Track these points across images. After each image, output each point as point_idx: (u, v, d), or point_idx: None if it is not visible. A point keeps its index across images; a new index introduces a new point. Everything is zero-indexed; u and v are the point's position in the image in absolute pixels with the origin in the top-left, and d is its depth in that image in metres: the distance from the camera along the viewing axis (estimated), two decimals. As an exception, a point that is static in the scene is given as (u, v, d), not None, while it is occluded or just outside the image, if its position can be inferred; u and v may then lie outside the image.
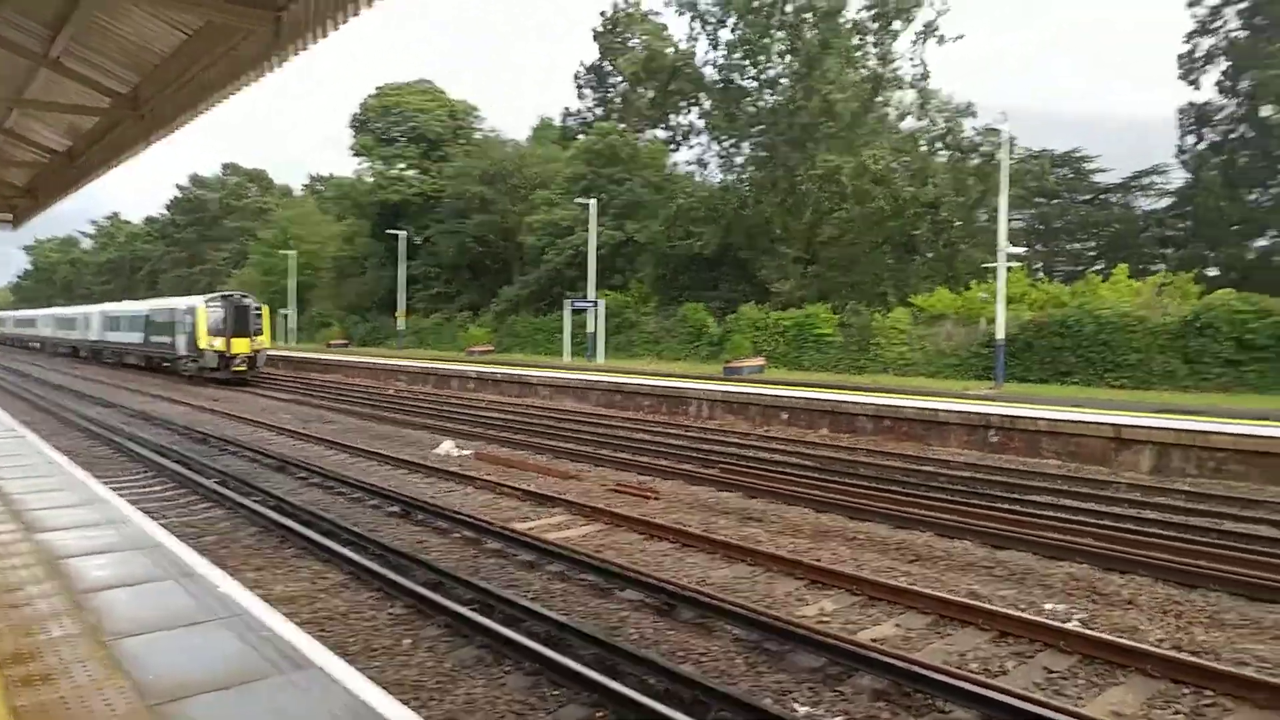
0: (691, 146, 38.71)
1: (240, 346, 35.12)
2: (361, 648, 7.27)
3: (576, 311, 39.52)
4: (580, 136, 51.56)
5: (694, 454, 17.19)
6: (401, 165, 57.68)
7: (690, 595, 8.29)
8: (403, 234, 53.68)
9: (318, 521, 11.27)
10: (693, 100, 33.52)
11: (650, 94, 35.39)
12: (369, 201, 59.02)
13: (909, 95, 32.16)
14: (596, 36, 55.99)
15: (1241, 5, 34.72)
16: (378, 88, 60.83)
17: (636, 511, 12.16)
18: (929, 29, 30.27)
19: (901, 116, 32.71)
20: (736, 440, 19.47)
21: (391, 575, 8.76)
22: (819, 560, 9.89)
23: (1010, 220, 30.89)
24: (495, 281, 54.20)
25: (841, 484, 14.06)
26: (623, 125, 47.55)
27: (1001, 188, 26.10)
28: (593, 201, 38.70)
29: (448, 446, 17.82)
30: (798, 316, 33.53)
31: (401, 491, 13.28)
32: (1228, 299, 25.91)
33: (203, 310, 35.16)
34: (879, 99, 30.94)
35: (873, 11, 30.15)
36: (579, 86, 60.13)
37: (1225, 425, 16.16)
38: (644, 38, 45.92)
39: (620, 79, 49.83)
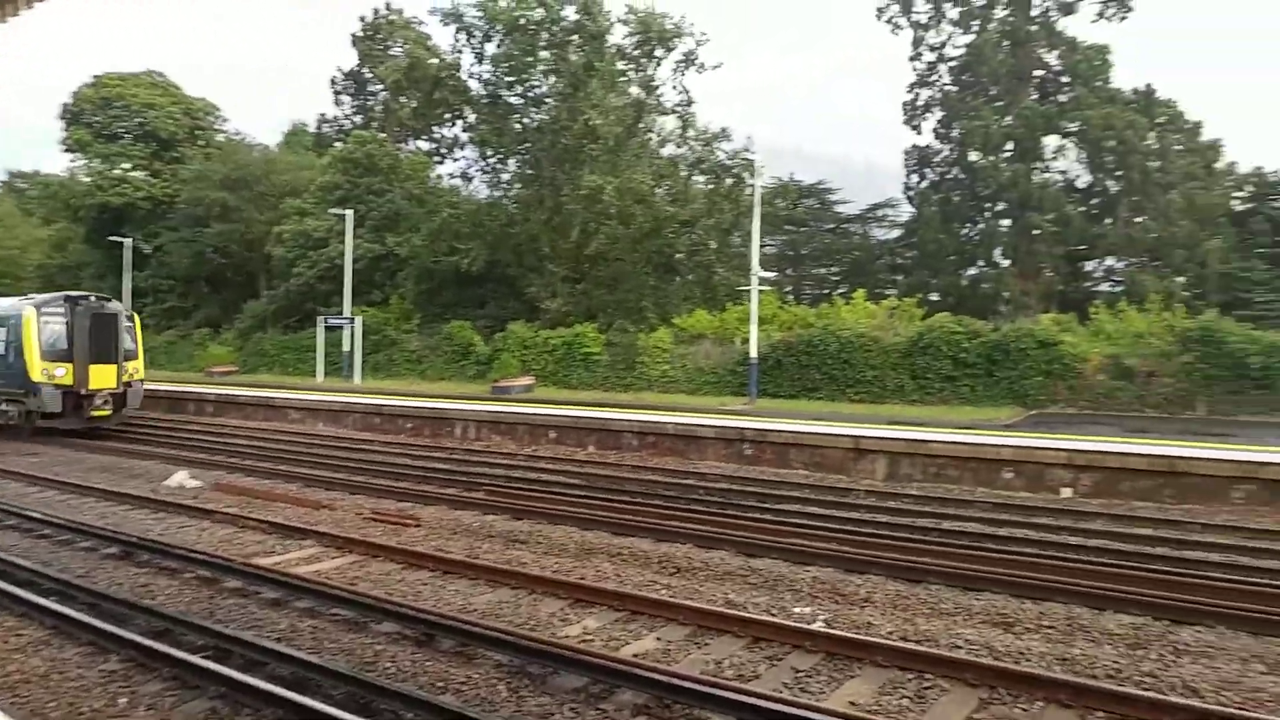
0: (456, 160, 38.05)
1: (103, 378, 22.72)
2: (65, 713, 6.34)
3: (331, 329, 37.41)
4: (337, 144, 49.19)
5: (459, 477, 16.73)
6: (126, 165, 51.98)
7: (450, 624, 7.98)
8: (127, 241, 48.11)
9: (13, 571, 9.77)
10: (458, 113, 33.02)
11: (413, 104, 34.42)
12: (85, 204, 52.59)
13: (670, 121, 33.60)
14: (356, 42, 53.82)
15: (952, 63, 39.45)
16: (96, 76, 54.33)
17: (395, 540, 11.61)
18: (689, 58, 31.80)
19: (663, 142, 34.07)
20: (504, 461, 19.20)
21: (105, 626, 7.73)
22: (583, 579, 9.89)
23: (763, 246, 32.94)
24: (239, 296, 50.27)
25: (607, 501, 14.22)
26: (383, 134, 45.89)
27: (755, 215, 27.82)
28: (349, 212, 36.95)
29: (180, 477, 16.18)
30: (566, 335, 33.82)
31: (121, 530, 11.85)
32: (945, 321, 29.08)
33: (31, 319, 22.12)
34: (641, 124, 32.03)
35: (635, 39, 31.20)
36: (336, 92, 57.46)
37: (943, 435, 18.06)
38: (406, 46, 44.72)
39: (381, 87, 48.14)
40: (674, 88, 32.28)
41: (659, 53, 31.40)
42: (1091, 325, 29.02)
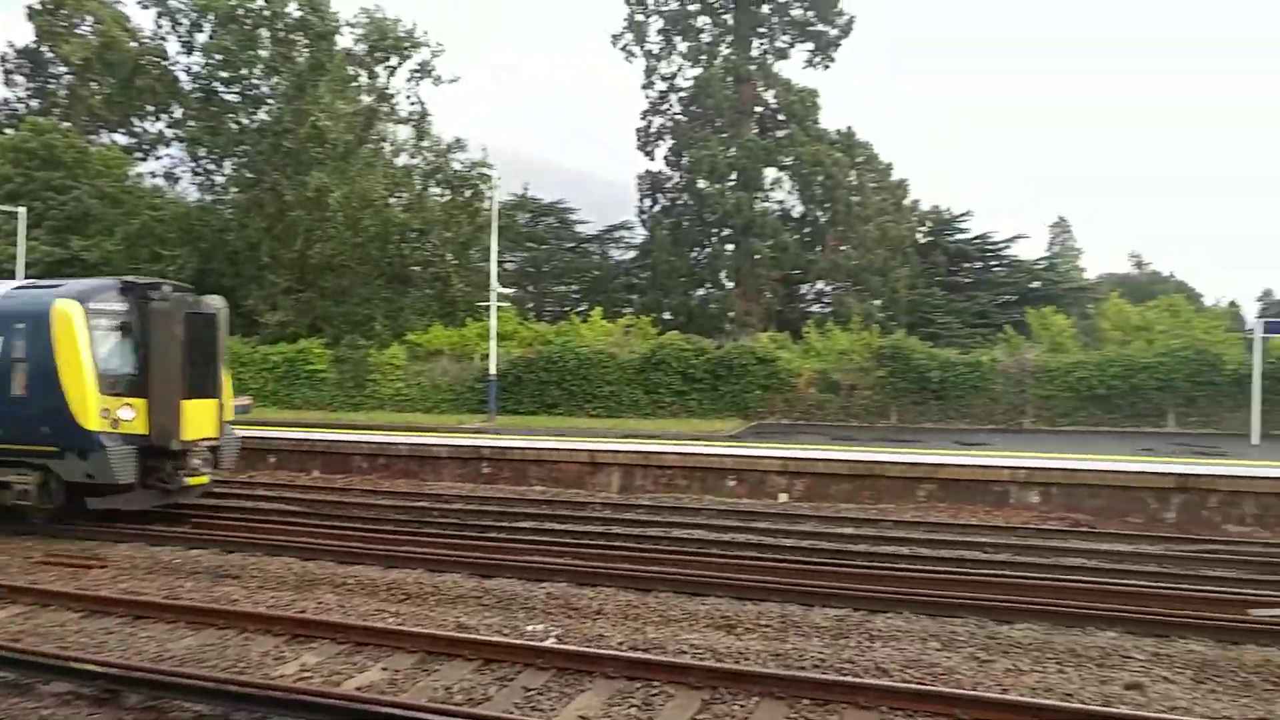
0: (160, 158, 34.05)
1: (201, 421, 13.45)
2: None
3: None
4: (9, 131, 42.74)
5: (156, 510, 15.01)
6: None
7: (139, 676, 7.07)
8: None
9: None
10: (163, 106, 29.78)
11: (106, 90, 30.46)
12: None
13: (404, 130, 32.58)
14: (32, 15, 46.97)
15: (682, 94, 41.71)
16: None
17: (74, 585, 10.17)
18: (424, 68, 31.06)
19: (397, 151, 32.99)
20: (215, 489, 17.48)
21: None
22: (302, 612, 9.20)
23: (503, 262, 32.82)
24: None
25: (332, 528, 13.37)
26: (67, 124, 40.42)
27: (493, 229, 27.65)
28: (22, 210, 32.22)
29: None
30: (288, 351, 31.61)
31: None
32: (676, 339, 30.50)
33: (75, 320, 12.45)
34: (373, 132, 30.78)
35: (365, 45, 29.98)
36: (7, 72, 49.84)
37: (673, 446, 18.87)
38: (97, 25, 39.72)
39: (66, 70, 42.35)
40: (408, 97, 31.36)
41: (393, 60, 30.39)
42: (804, 343, 31.71)
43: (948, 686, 7.20)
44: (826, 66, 40.61)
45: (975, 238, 45.11)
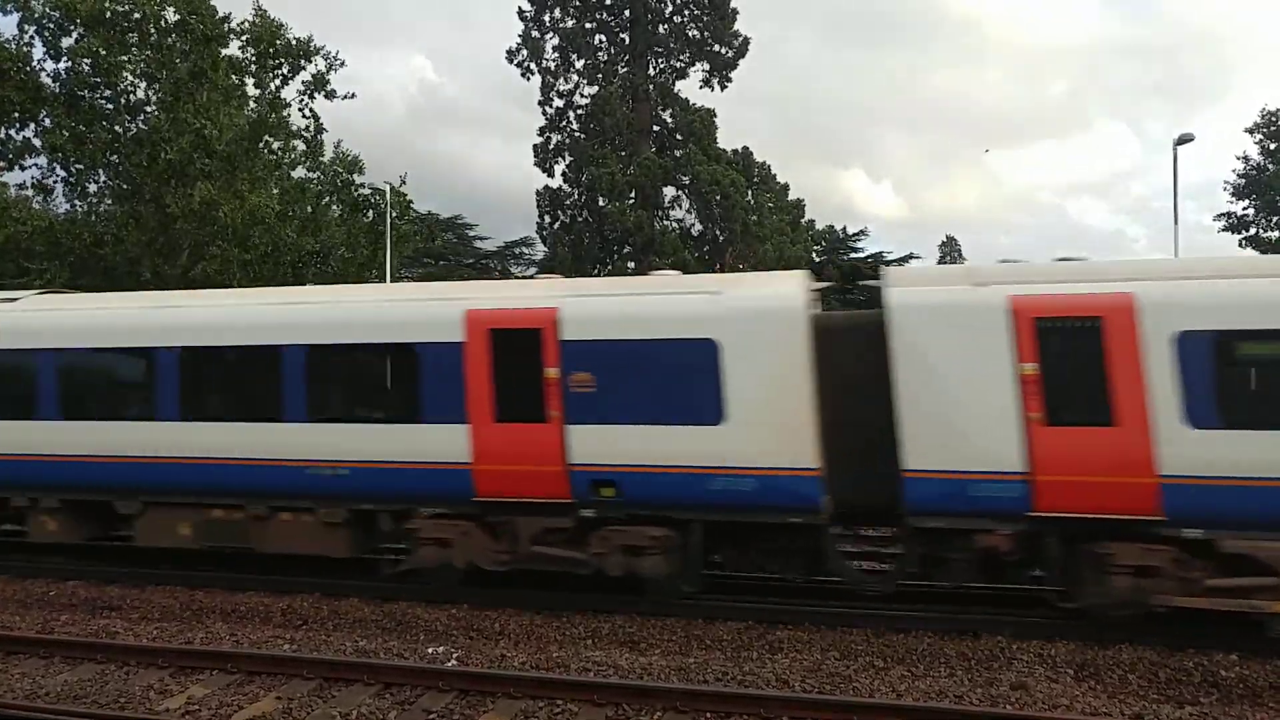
0: (26, 167, 31.94)
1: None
2: None
3: None
4: None
5: (25, 544, 14.07)
6: None
7: (11, 714, 6.65)
8: None
9: None
10: (28, 114, 28.04)
11: (-38, 99, 28.59)
12: None
13: (299, 145, 31.57)
14: (-110, 16, 43.83)
15: (580, 111, 41.91)
16: None
17: (-69, 622, 9.48)
18: (318, 82, 30.17)
19: (293, 165, 31.92)
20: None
21: None
22: (189, 643, 8.82)
23: (400, 279, 32.20)
24: None
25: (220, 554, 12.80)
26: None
27: (388, 246, 27.08)
28: None
29: None
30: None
31: None
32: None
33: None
34: (262, 144, 29.69)
35: (252, 51, 28.93)
36: None
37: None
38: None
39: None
40: (300, 111, 30.39)
41: (284, 70, 29.45)
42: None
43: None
44: (724, 87, 41.51)
45: (869, 256, 46.80)
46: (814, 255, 45.17)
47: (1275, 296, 8.17)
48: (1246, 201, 37.87)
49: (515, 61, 41.72)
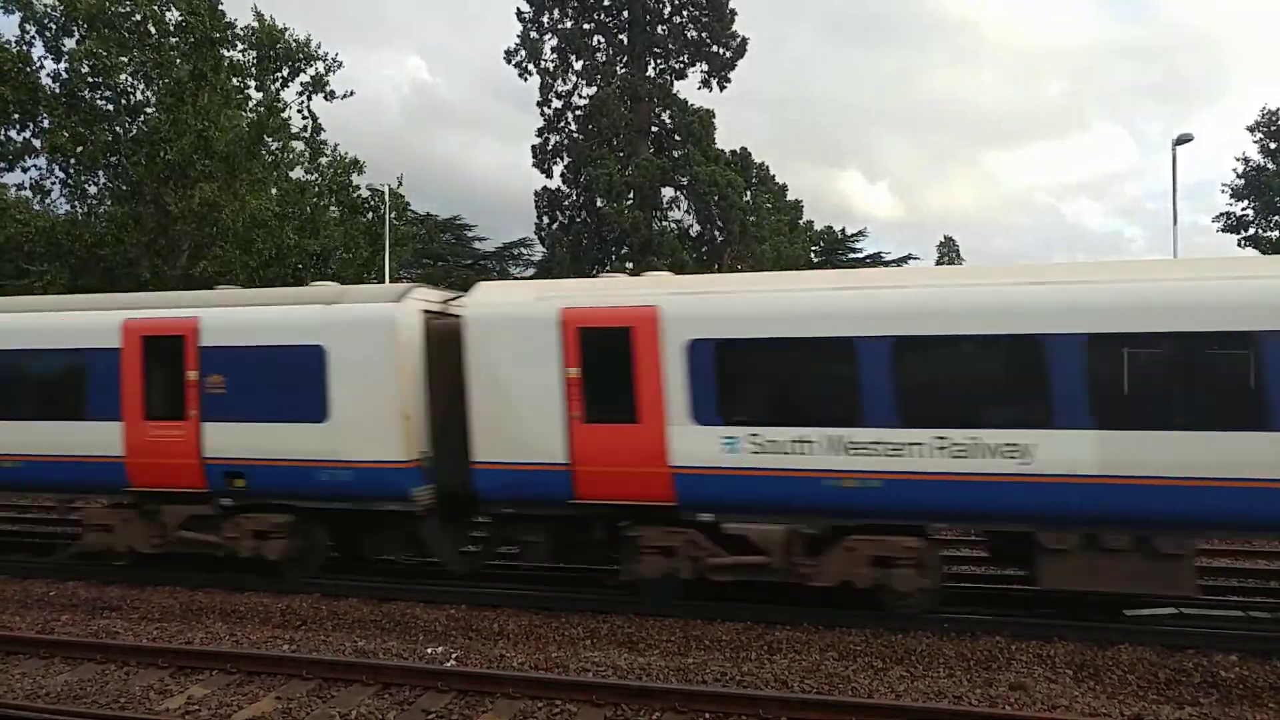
0: (27, 169, 31.89)
1: None
2: None
3: None
4: None
5: (29, 540, 14.11)
6: None
7: (11, 714, 6.66)
8: None
9: None
10: (29, 114, 28.03)
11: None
12: None
13: (298, 145, 31.58)
14: (-112, 16, 43.79)
15: (578, 112, 41.93)
16: None
17: (-69, 622, 9.48)
18: (317, 83, 30.22)
19: (291, 166, 31.93)
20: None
21: None
22: (188, 643, 8.83)
23: (400, 279, 32.24)
24: None
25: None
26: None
27: (386, 249, 27.07)
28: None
29: None
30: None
31: None
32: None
33: None
34: (260, 146, 29.69)
35: (253, 54, 28.98)
36: None
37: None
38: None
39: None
40: (299, 112, 30.43)
41: (284, 71, 29.47)
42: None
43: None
44: (723, 87, 41.54)
45: (868, 256, 46.88)
46: (812, 256, 45.18)
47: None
48: (1246, 202, 37.89)
49: (514, 62, 41.74)
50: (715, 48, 41.11)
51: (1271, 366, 8.14)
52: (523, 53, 41.47)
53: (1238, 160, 37.86)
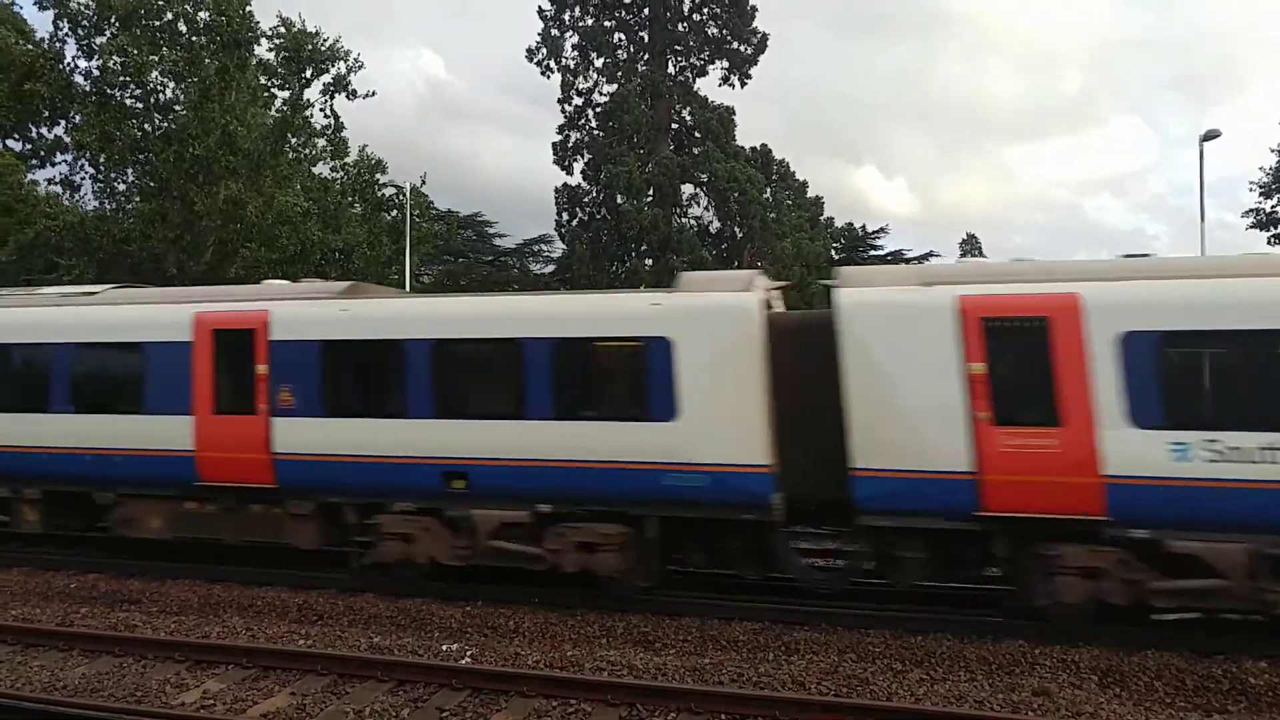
0: (57, 164, 32.30)
1: None
2: None
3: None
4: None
5: (50, 535, 14.22)
6: None
7: (28, 706, 6.70)
8: None
9: None
10: (60, 111, 28.40)
11: (-4, 96, 28.90)
12: None
13: (320, 143, 31.77)
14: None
15: (599, 109, 41.89)
16: None
17: (-46, 613, 9.57)
18: (340, 83, 30.40)
19: (314, 163, 32.16)
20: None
21: None
22: (205, 637, 8.85)
23: (421, 276, 32.35)
24: None
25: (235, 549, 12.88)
26: (-47, 128, 38.06)
27: (406, 245, 27.15)
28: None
29: None
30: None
31: None
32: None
33: None
34: (285, 145, 29.92)
35: (282, 55, 29.20)
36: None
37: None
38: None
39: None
40: (322, 110, 30.64)
41: (308, 72, 29.66)
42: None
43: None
44: (743, 84, 41.34)
45: (889, 254, 46.47)
46: (833, 253, 44.86)
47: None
48: (1276, 199, 37.20)
49: (535, 60, 41.75)
50: (736, 44, 40.93)
51: None
52: (544, 51, 41.48)
53: (1273, 151, 37.20)
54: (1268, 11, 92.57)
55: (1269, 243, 37.02)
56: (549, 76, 41.82)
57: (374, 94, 30.97)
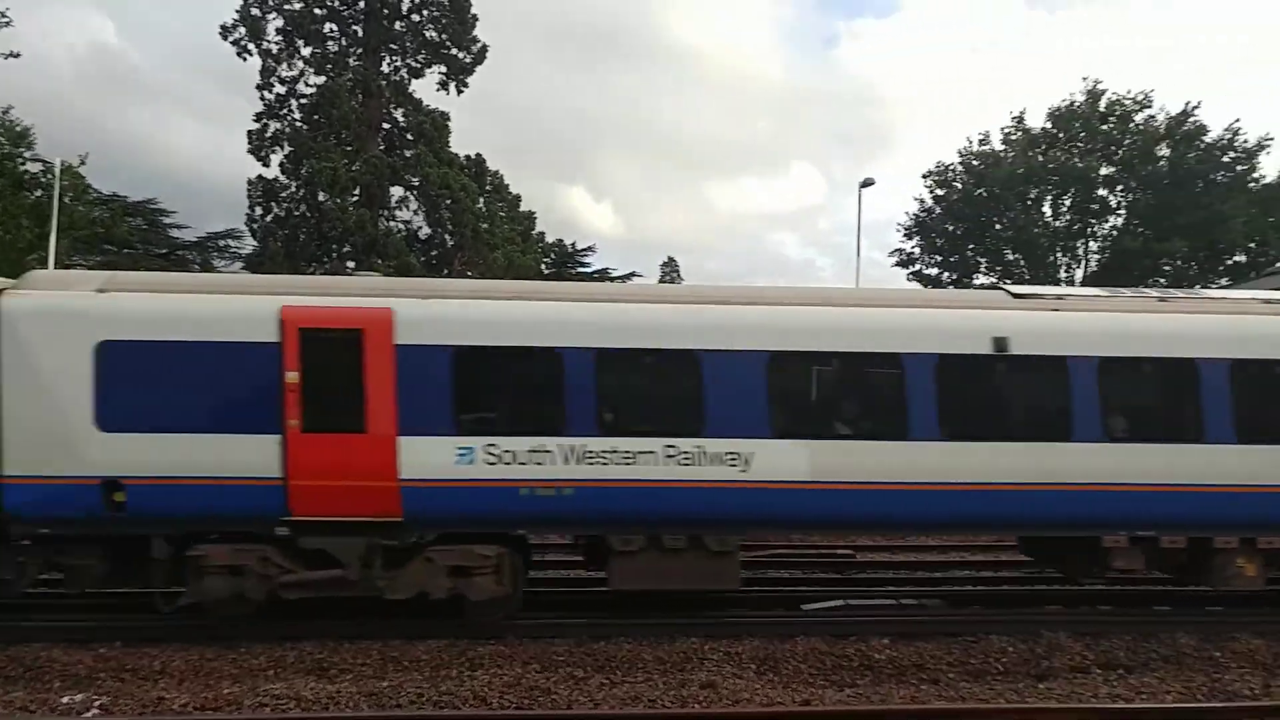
0: None
1: None
2: None
3: None
4: None
5: None
6: None
7: None
8: None
9: None
10: None
11: None
12: None
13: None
14: None
15: (303, 100, 39.28)
16: None
17: None
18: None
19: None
20: None
21: None
22: None
23: (72, 265, 28.40)
24: None
25: None
26: None
27: (52, 234, 23.63)
28: None
29: None
30: None
31: None
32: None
33: None
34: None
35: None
36: None
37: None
38: None
39: None
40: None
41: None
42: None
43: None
44: (460, 91, 40.71)
45: (595, 271, 47.93)
46: (543, 267, 45.54)
47: None
48: (914, 240, 43.14)
49: (231, 39, 38.36)
50: (455, 51, 40.28)
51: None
52: (242, 30, 38.22)
53: (916, 201, 43.15)
54: (917, 82, 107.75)
55: (908, 279, 42.86)
56: (246, 59, 38.59)
57: (16, 55, 26.66)
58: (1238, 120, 49.13)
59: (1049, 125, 39.75)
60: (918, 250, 43.15)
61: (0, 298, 8.63)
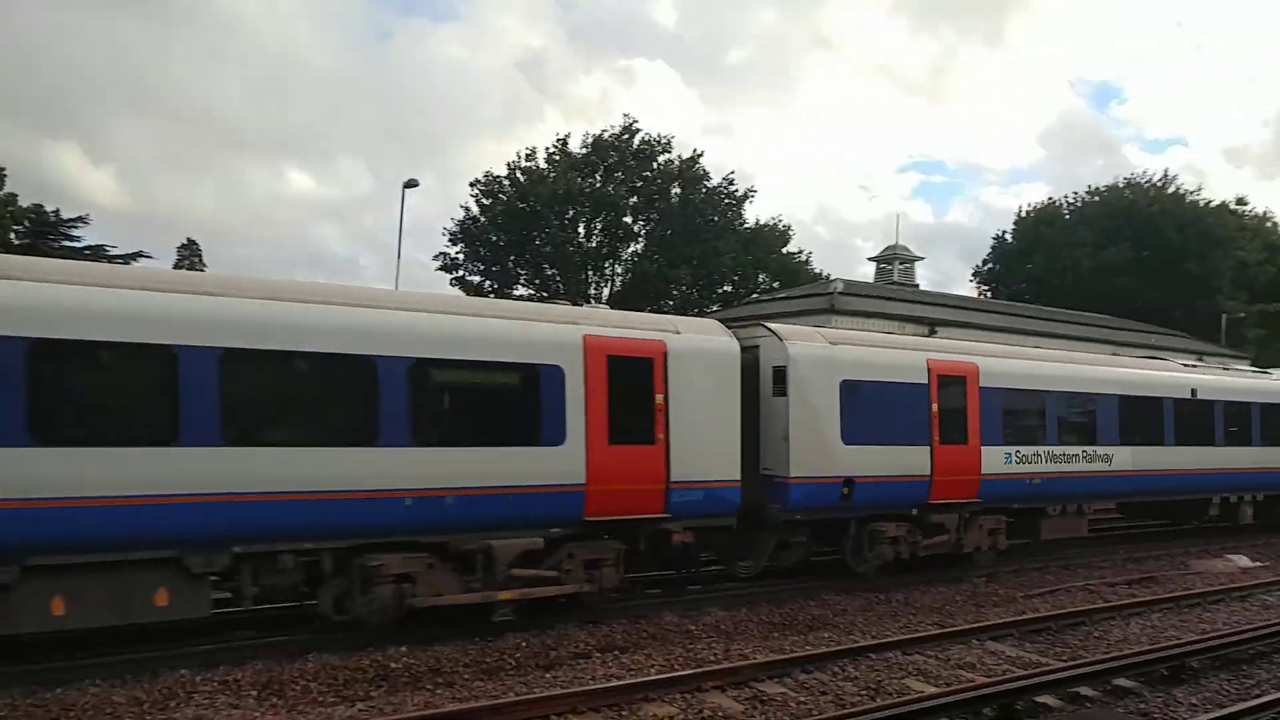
0: None
1: None
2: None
3: None
4: None
5: None
6: None
7: None
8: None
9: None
10: None
11: None
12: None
13: None
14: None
15: None
16: None
17: None
18: None
19: None
20: None
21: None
22: None
23: None
24: None
25: None
26: None
27: None
28: None
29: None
30: None
31: None
32: None
33: None
34: None
35: None
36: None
37: None
38: None
39: None
40: None
41: None
42: None
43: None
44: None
45: (88, 247, 39.69)
46: (13, 238, 37.18)
47: None
48: (459, 246, 43.78)
49: None
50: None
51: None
52: None
53: (462, 208, 43.74)
54: (475, 91, 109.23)
55: (451, 284, 43.26)
56: None
57: None
58: (733, 172, 58.29)
59: (588, 151, 43.03)
60: (462, 256, 43.85)
61: (788, 345, 11.88)
